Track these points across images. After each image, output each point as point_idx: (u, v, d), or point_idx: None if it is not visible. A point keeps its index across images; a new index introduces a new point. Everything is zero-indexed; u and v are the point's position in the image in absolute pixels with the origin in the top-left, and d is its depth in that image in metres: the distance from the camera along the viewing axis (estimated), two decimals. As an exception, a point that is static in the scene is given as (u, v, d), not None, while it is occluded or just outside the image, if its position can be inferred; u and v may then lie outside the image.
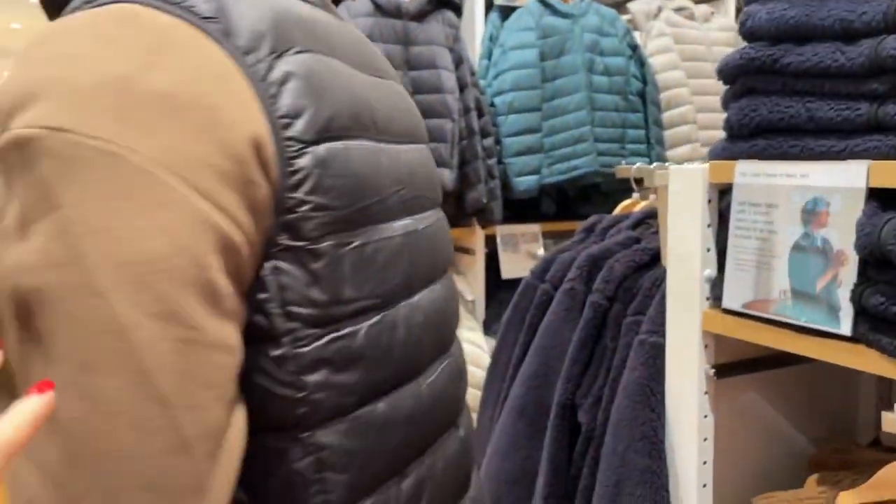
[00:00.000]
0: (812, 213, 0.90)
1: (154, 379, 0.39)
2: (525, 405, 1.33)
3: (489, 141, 2.43)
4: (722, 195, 1.07)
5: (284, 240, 0.46)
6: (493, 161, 2.45)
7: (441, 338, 0.62)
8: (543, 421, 1.30)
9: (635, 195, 1.52)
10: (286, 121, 0.46)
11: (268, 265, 0.45)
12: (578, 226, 1.55)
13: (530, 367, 1.35)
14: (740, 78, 1.01)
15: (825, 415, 1.22)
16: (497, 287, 2.63)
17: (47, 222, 0.39)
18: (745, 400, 1.15)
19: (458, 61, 2.39)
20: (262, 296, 0.45)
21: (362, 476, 0.50)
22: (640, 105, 2.63)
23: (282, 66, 0.47)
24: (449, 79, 2.35)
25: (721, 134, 1.07)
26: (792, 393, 1.19)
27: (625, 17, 2.75)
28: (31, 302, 0.39)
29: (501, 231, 2.63)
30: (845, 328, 0.86)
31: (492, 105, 2.49)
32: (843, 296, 0.86)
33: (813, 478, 1.04)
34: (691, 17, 2.80)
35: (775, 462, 1.16)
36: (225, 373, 0.42)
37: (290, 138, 0.46)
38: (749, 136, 1.00)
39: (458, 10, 2.49)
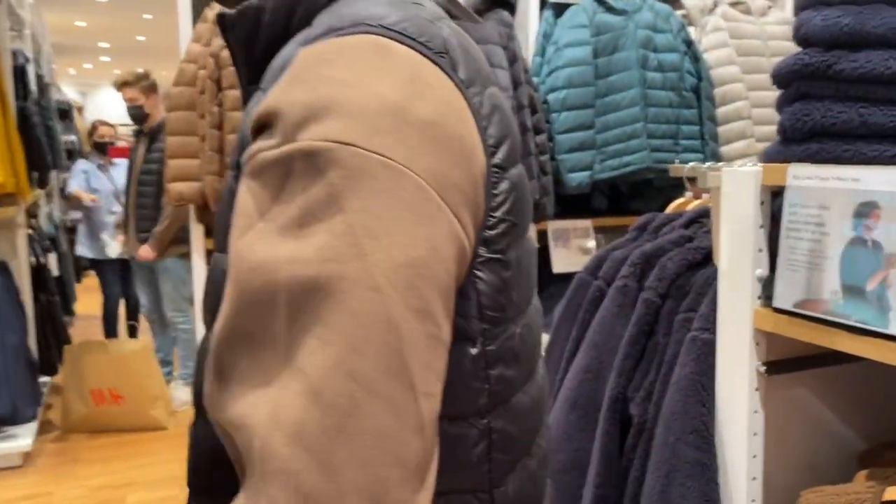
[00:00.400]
0: (864, 216, 0.93)
1: (410, 367, 0.45)
2: (577, 398, 1.38)
3: (542, 137, 2.47)
4: (774, 196, 1.10)
5: (483, 252, 0.53)
6: (545, 157, 2.48)
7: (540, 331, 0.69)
8: (595, 413, 1.34)
9: (688, 194, 1.55)
10: (493, 150, 0.54)
11: (470, 274, 0.53)
12: (630, 221, 1.59)
13: (583, 362, 1.39)
14: (794, 83, 1.04)
15: (876, 412, 1.23)
16: (548, 281, 2.67)
17: (333, 223, 0.45)
18: (795, 396, 1.17)
19: (512, 59, 2.42)
20: (465, 301, 0.53)
21: (516, 456, 0.59)
22: (694, 101, 2.62)
23: (487, 100, 0.55)
24: (503, 77, 2.38)
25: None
26: (843, 390, 1.21)
27: (679, 13, 2.75)
28: (309, 290, 0.44)
29: (553, 226, 2.67)
30: (894, 328, 0.89)
31: (545, 102, 2.52)
32: (894, 296, 0.89)
33: (862, 473, 1.06)
34: (747, 11, 2.78)
35: (825, 457, 1.18)
36: (445, 366, 0.50)
37: (495, 165, 0.53)
38: (802, 140, 1.03)
39: (512, 9, 2.53)
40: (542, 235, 2.67)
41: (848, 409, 1.21)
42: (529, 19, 2.66)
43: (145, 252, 3.65)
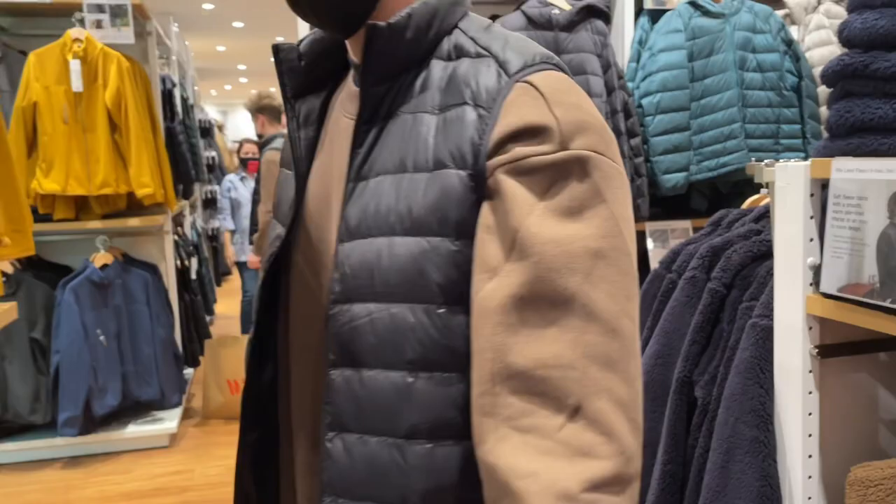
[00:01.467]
0: (897, 204, 0.99)
1: (636, 302, 0.65)
2: (649, 382, 1.48)
3: (636, 140, 2.55)
4: (825, 189, 1.16)
5: None
6: (640, 160, 2.56)
7: None
8: (665, 396, 1.44)
9: (763, 190, 1.61)
10: None
11: None
12: None
13: (654, 348, 1.48)
14: (839, 82, 1.11)
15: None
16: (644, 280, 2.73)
17: (600, 209, 0.63)
18: (850, 379, 1.22)
19: (606, 66, 2.52)
20: None
21: None
22: (795, 100, 2.61)
23: None
24: (597, 83, 2.49)
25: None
26: (906, 377, 1.24)
27: (782, 12, 2.74)
28: (595, 257, 0.62)
29: (651, 227, 2.73)
30: (925, 309, 0.95)
31: (639, 106, 2.60)
32: (923, 279, 0.95)
33: (916, 454, 1.10)
34: (855, 6, 2.72)
35: (881, 438, 1.22)
36: None
37: None
38: (845, 135, 1.09)
39: (606, 18, 2.63)
40: (640, 236, 2.74)
41: (911, 394, 1.24)
42: (625, 26, 2.74)
43: (252, 259, 4.06)
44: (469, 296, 0.65)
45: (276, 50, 0.79)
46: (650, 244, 2.75)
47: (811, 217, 1.16)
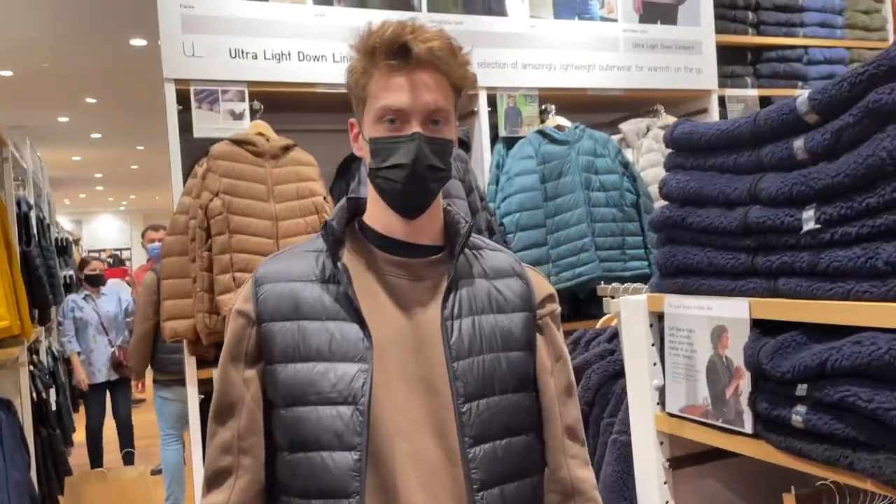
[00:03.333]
0: (717, 337, 1.17)
1: None
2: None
3: (500, 257, 2.74)
4: (661, 320, 1.35)
5: None
6: (505, 274, 2.74)
7: None
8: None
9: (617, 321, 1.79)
10: None
11: None
12: (591, 324, 1.83)
13: (530, 465, 1.59)
14: (663, 230, 1.31)
15: (775, 493, 1.43)
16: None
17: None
18: (702, 485, 1.38)
19: (469, 189, 2.73)
20: None
21: None
22: (635, 215, 2.92)
23: None
24: (462, 206, 2.68)
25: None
26: (745, 477, 1.41)
27: (616, 137, 3.09)
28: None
29: (519, 335, 2.90)
30: (748, 428, 1.12)
31: (501, 224, 2.81)
32: (744, 402, 1.12)
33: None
34: (677, 131, 3.12)
35: (732, 538, 1.38)
36: None
37: None
38: (672, 275, 1.29)
39: (466, 147, 2.86)
40: (510, 344, 2.90)
41: (750, 496, 1.41)
42: (484, 152, 2.98)
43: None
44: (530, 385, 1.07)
45: (327, 226, 1.04)
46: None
47: (652, 344, 1.34)
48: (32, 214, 4.50)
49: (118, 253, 14.44)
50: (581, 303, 3.02)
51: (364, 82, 1.00)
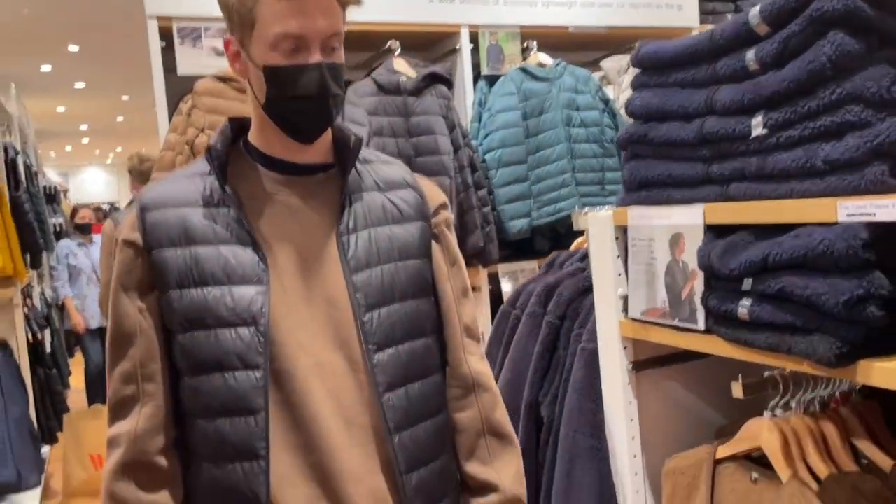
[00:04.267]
0: (675, 244, 1.25)
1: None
2: (503, 407, 1.67)
3: (483, 192, 2.81)
4: (626, 233, 1.42)
5: None
6: (487, 209, 2.81)
7: None
8: (516, 419, 1.64)
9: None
10: None
11: None
12: None
13: (506, 376, 1.69)
14: (628, 146, 1.37)
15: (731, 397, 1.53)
16: (501, 319, 2.95)
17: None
18: (664, 388, 1.48)
19: (452, 126, 2.78)
20: None
21: None
22: (615, 151, 2.98)
23: None
24: (444, 142, 2.73)
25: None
26: (704, 380, 1.51)
27: (598, 74, 3.13)
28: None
29: (503, 268, 2.98)
30: (701, 324, 1.20)
31: (483, 161, 2.87)
32: (697, 301, 1.20)
33: (717, 442, 1.35)
34: (658, 69, 3.16)
35: (692, 435, 1.48)
36: None
37: None
38: (636, 189, 1.36)
39: (449, 84, 2.90)
40: (495, 277, 2.99)
41: (709, 395, 1.51)
42: (466, 90, 3.02)
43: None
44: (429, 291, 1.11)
45: (211, 151, 1.02)
46: (504, 284, 3.01)
47: (618, 256, 1.42)
48: (20, 160, 4.52)
49: (106, 207, 14.41)
50: (561, 237, 3.10)
51: (251, 4, 0.95)
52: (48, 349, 4.20)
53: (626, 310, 1.41)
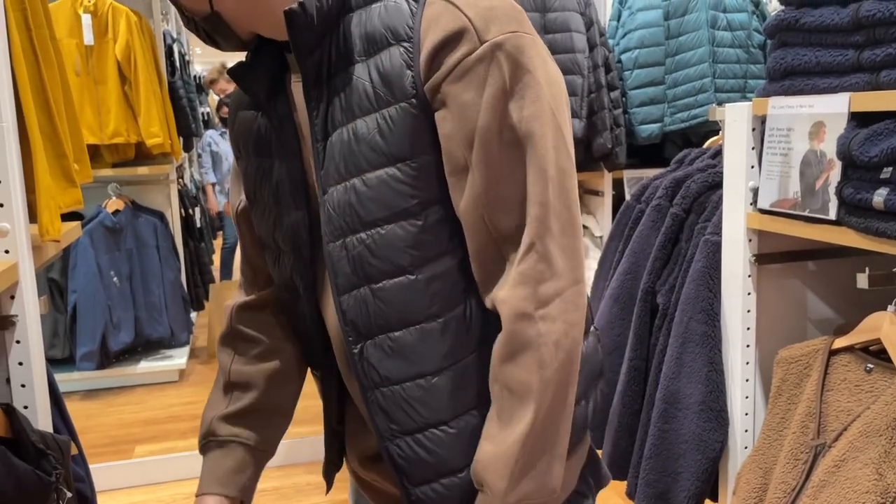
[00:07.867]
0: (815, 133, 1.24)
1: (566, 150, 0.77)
2: (619, 294, 1.73)
3: (615, 93, 2.78)
4: (764, 123, 1.41)
5: None
6: (618, 111, 2.79)
7: None
8: (632, 306, 1.69)
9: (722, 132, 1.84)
10: None
11: None
12: None
13: (624, 265, 1.74)
14: (777, 34, 1.34)
15: (857, 300, 1.52)
16: (622, 223, 2.97)
17: (527, 79, 0.73)
18: (782, 283, 1.48)
19: (589, 24, 2.74)
20: None
21: None
22: (761, 57, 2.84)
23: None
24: (580, 40, 2.71)
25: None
26: (825, 280, 1.50)
27: (751, -25, 2.95)
28: (530, 135, 0.75)
29: (629, 174, 2.98)
30: (832, 214, 1.20)
31: (618, 62, 2.82)
32: (832, 191, 1.20)
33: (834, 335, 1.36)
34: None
35: (808, 332, 1.49)
36: None
37: None
38: (780, 79, 1.33)
39: (589, -21, 2.83)
40: (619, 183, 2.99)
41: (829, 296, 1.50)
42: (607, -13, 2.95)
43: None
44: (438, 196, 0.76)
45: (234, 74, 0.84)
46: (628, 191, 3.00)
47: (752, 147, 1.41)
48: (175, 48, 4.82)
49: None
50: (693, 147, 3.03)
51: None
52: (198, 224, 4.59)
53: (754, 202, 1.41)
